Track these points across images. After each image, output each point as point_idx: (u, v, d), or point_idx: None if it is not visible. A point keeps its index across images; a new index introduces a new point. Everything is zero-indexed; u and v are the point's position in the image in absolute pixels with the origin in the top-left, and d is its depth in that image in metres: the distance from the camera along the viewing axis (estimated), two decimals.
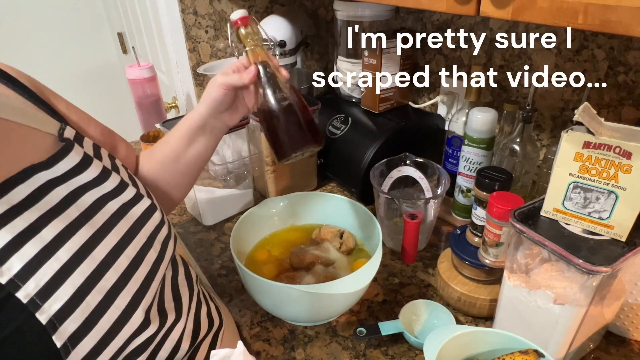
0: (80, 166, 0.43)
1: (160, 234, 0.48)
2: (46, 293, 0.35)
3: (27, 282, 0.34)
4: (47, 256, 0.36)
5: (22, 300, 0.34)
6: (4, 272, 0.33)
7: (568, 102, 0.84)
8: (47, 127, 0.43)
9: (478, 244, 0.70)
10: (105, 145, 0.55)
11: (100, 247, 0.40)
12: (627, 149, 0.46)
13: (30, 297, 0.34)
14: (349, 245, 0.79)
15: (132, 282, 0.41)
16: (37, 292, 0.34)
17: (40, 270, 0.35)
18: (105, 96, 2.16)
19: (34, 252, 0.36)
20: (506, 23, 0.89)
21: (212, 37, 1.26)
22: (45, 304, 0.35)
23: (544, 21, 0.47)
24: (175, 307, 0.50)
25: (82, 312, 0.36)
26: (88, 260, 0.39)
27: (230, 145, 0.95)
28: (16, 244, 0.35)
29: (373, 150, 0.93)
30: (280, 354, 0.66)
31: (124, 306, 0.40)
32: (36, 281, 0.35)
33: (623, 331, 0.65)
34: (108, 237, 0.42)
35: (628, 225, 0.49)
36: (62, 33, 2.01)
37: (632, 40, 0.72)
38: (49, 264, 0.36)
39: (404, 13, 1.10)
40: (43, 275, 0.35)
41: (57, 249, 0.37)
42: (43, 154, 0.41)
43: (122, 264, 0.41)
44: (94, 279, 0.38)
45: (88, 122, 0.55)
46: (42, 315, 0.34)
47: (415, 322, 0.70)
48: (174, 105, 1.37)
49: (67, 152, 0.43)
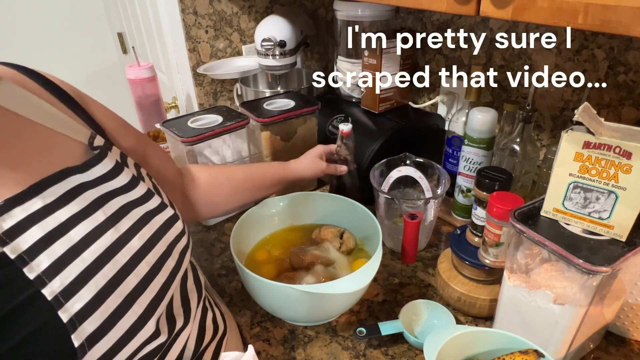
0: (113, 173, 0.45)
1: (179, 243, 0.49)
2: (70, 292, 0.36)
3: (53, 279, 0.35)
4: (73, 256, 0.37)
5: (47, 297, 0.35)
6: (33, 268, 0.34)
7: (568, 102, 0.84)
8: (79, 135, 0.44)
9: (478, 244, 0.70)
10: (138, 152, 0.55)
11: (123, 251, 0.41)
12: (627, 149, 0.46)
13: (55, 294, 0.35)
14: (349, 245, 0.79)
15: (149, 288, 0.42)
16: (61, 291, 0.35)
17: (67, 269, 0.36)
18: (105, 96, 2.14)
19: (62, 251, 0.37)
20: (506, 23, 0.89)
21: (212, 37, 1.26)
22: (68, 302, 0.35)
23: (543, 21, 0.47)
24: (183, 312, 0.50)
25: (102, 314, 0.37)
26: (111, 263, 0.39)
27: (230, 145, 0.95)
28: (46, 241, 0.36)
29: (373, 150, 0.93)
30: (280, 354, 0.66)
31: (141, 312, 0.41)
32: (61, 280, 0.36)
33: (623, 331, 0.65)
34: (131, 242, 0.42)
35: (628, 225, 0.49)
36: (62, 33, 2.01)
37: (632, 40, 0.72)
38: (74, 264, 0.37)
39: (404, 13, 1.10)
40: (69, 274, 0.36)
41: (83, 250, 0.38)
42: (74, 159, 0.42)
43: (142, 269, 0.42)
44: (115, 282, 0.39)
45: (125, 129, 0.55)
46: (64, 313, 0.35)
47: (415, 322, 0.70)
48: (174, 105, 1.37)
49: (102, 158, 0.45)
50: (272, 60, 1.15)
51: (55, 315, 0.35)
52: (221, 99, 1.36)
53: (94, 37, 2.08)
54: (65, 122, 0.43)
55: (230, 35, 1.29)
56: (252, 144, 0.97)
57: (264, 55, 1.14)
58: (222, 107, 0.96)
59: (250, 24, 1.31)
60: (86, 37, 2.06)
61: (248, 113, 0.93)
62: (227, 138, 0.94)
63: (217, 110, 0.94)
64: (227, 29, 1.28)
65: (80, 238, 0.38)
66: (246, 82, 1.30)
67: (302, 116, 0.97)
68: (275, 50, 1.12)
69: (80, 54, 2.08)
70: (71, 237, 0.38)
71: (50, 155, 0.41)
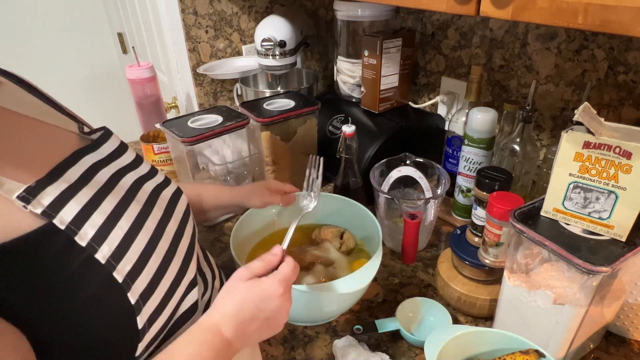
0: (120, 150, 0.50)
1: (190, 214, 0.55)
2: (119, 255, 0.40)
3: (102, 245, 0.39)
4: (112, 225, 0.41)
5: (100, 260, 0.38)
6: (82, 237, 0.38)
7: (568, 102, 0.84)
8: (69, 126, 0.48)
9: (478, 244, 0.70)
10: None
11: (149, 219, 0.46)
12: (627, 149, 0.46)
13: (107, 258, 0.39)
14: (349, 246, 0.79)
15: (179, 248, 0.48)
16: (111, 255, 0.39)
17: (110, 236, 0.40)
18: (105, 96, 2.17)
19: (101, 221, 0.40)
20: (506, 23, 0.89)
21: (212, 37, 1.26)
22: (119, 264, 0.39)
23: (543, 21, 0.47)
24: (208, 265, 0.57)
25: (148, 273, 0.42)
26: (144, 229, 0.44)
27: (230, 145, 0.95)
28: (85, 213, 0.40)
29: (373, 150, 0.93)
30: (280, 354, 0.66)
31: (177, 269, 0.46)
32: (109, 245, 0.40)
33: (623, 331, 0.65)
34: (153, 211, 0.47)
35: (628, 225, 0.49)
36: (62, 33, 2.01)
37: (632, 40, 0.72)
38: (115, 232, 0.41)
39: (404, 13, 1.10)
40: (113, 240, 0.40)
41: (118, 219, 0.42)
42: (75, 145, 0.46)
43: (169, 234, 0.47)
44: (152, 245, 0.44)
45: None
46: (118, 274, 0.39)
47: (412, 319, 0.70)
48: (174, 105, 1.37)
49: (109, 136, 0.50)
50: (272, 60, 1.15)
51: (111, 277, 0.39)
52: (221, 99, 1.36)
53: (94, 37, 2.08)
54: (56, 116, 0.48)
55: (230, 35, 1.29)
56: (252, 144, 0.97)
57: (264, 55, 1.14)
58: (222, 107, 0.96)
59: (250, 24, 1.31)
60: (86, 37, 2.06)
61: (248, 113, 0.93)
62: (227, 138, 0.94)
63: (217, 110, 0.94)
64: (227, 29, 1.28)
65: (112, 209, 0.42)
66: (246, 82, 1.30)
67: (302, 116, 0.97)
68: (275, 50, 1.12)
69: (80, 54, 2.08)
70: (104, 209, 0.42)
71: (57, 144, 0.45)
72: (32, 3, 1.91)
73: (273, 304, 0.47)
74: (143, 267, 0.42)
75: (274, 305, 0.47)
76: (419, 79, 1.14)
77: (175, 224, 0.50)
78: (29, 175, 0.38)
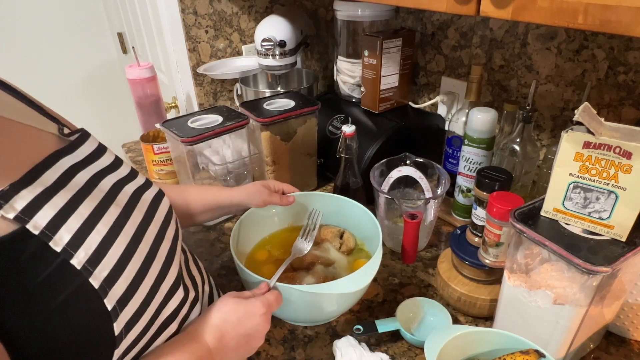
0: (98, 152, 0.49)
1: (173, 216, 0.54)
2: (95, 261, 0.39)
3: (77, 250, 0.38)
4: (89, 229, 0.40)
5: (76, 266, 0.38)
6: (57, 242, 0.37)
7: (568, 102, 0.84)
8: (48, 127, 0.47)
9: (478, 244, 0.70)
10: None
11: (129, 223, 0.45)
12: (627, 149, 0.46)
13: (83, 264, 0.38)
14: (349, 246, 0.79)
15: (160, 252, 0.47)
16: (87, 260, 0.38)
17: (87, 241, 0.39)
18: (105, 96, 2.16)
19: (77, 225, 0.39)
20: (506, 23, 0.89)
21: (212, 37, 1.26)
22: (95, 270, 0.39)
23: (543, 21, 0.47)
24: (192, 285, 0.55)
25: (126, 278, 0.41)
26: (122, 234, 0.43)
27: (230, 145, 0.95)
28: (61, 218, 0.39)
29: (373, 150, 0.93)
30: (280, 354, 0.66)
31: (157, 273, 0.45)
32: (85, 250, 0.39)
33: (623, 331, 0.65)
34: (133, 215, 0.46)
35: (628, 225, 0.49)
36: (62, 33, 2.01)
37: (632, 40, 0.72)
38: (92, 236, 0.40)
39: (404, 13, 1.10)
40: (90, 245, 0.39)
41: (96, 224, 0.41)
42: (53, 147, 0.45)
43: (149, 238, 0.46)
44: (130, 249, 0.43)
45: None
46: (94, 280, 0.38)
47: (412, 319, 0.70)
48: (174, 105, 1.37)
49: (86, 138, 0.48)
50: (272, 60, 1.15)
51: (87, 283, 0.38)
52: (221, 99, 1.36)
53: (94, 37, 2.07)
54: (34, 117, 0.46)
55: (230, 35, 1.29)
56: (252, 144, 0.97)
57: (264, 55, 1.14)
58: (222, 107, 0.96)
59: (250, 24, 1.31)
60: (86, 37, 2.06)
61: (248, 113, 0.93)
62: (227, 138, 0.94)
63: (217, 110, 0.94)
64: (227, 29, 1.28)
65: (90, 213, 0.41)
66: (246, 82, 1.30)
67: (302, 116, 0.96)
68: (275, 50, 1.12)
69: (80, 54, 2.08)
70: (81, 213, 0.41)
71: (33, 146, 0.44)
72: (32, 3, 1.91)
73: (254, 320, 0.53)
74: (121, 272, 0.41)
75: (255, 322, 0.53)
76: (419, 79, 1.14)
77: (156, 227, 0.49)
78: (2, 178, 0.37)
